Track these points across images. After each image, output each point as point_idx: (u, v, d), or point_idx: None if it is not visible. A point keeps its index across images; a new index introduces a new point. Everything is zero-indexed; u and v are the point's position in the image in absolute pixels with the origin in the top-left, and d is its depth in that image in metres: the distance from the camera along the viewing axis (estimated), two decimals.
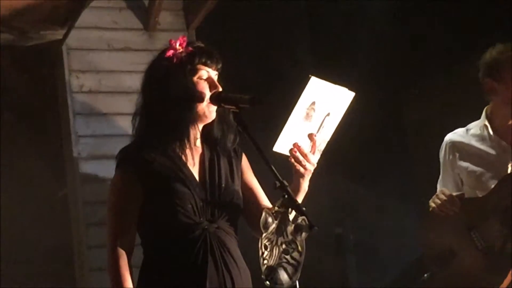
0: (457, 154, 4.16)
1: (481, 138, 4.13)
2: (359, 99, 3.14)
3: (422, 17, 5.92)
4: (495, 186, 4.03)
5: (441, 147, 4.23)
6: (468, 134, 4.18)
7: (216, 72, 3.17)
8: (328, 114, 3.06)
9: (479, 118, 4.21)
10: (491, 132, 4.10)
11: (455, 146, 4.17)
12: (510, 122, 4.07)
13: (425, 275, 4.20)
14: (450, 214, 3.98)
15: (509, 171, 4.03)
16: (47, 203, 6.05)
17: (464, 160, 4.14)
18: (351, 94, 3.09)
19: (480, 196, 4.07)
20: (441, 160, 4.22)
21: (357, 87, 3.14)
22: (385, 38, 6.08)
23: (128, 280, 3.04)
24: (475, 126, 4.19)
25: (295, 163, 3.05)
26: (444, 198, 3.98)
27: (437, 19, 5.86)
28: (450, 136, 4.22)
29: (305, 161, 3.04)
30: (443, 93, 5.81)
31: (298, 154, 3.04)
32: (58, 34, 5.76)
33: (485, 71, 4.08)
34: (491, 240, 3.95)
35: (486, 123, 4.12)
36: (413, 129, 6.24)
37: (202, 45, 3.20)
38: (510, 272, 3.83)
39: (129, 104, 5.58)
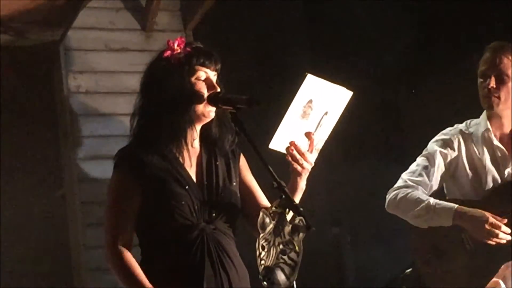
0: (458, 152, 4.12)
1: (481, 141, 4.11)
2: (358, 98, 3.14)
3: (422, 17, 5.92)
4: (490, 192, 4.04)
5: (439, 141, 4.17)
6: (468, 131, 4.16)
7: (214, 73, 3.17)
8: (326, 113, 3.06)
9: (475, 118, 4.21)
10: (492, 137, 4.09)
11: (458, 144, 4.13)
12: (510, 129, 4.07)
13: (407, 270, 4.20)
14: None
15: (505, 176, 4.04)
16: (45, 203, 6.05)
17: (467, 161, 4.12)
18: (349, 93, 3.09)
19: (475, 199, 4.06)
20: (433, 152, 4.13)
21: (355, 86, 3.15)
22: (385, 38, 6.08)
23: (141, 274, 3.02)
24: (475, 126, 4.17)
25: (292, 162, 3.05)
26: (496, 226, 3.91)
27: (436, 19, 5.86)
28: (451, 132, 4.17)
29: (302, 159, 3.04)
30: (442, 93, 5.81)
31: (295, 152, 3.04)
32: (56, 34, 5.76)
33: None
34: (480, 242, 3.95)
35: (489, 126, 4.10)
36: (413, 129, 6.24)
37: (200, 45, 3.20)
38: (495, 276, 3.84)
39: (126, 104, 5.58)
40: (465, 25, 5.59)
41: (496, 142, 4.08)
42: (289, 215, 2.88)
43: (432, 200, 3.97)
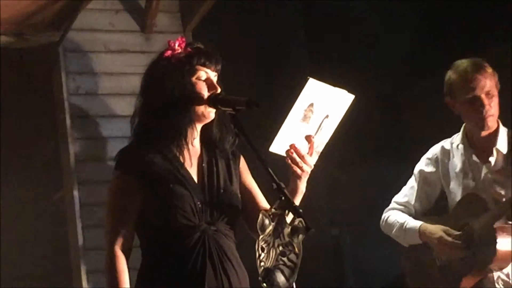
0: (439, 168, 4.21)
1: (457, 153, 4.16)
2: (358, 99, 3.14)
3: (421, 16, 5.92)
4: (457, 204, 4.12)
5: (423, 159, 4.27)
6: (452, 146, 4.21)
7: (215, 73, 3.17)
8: (327, 116, 3.06)
9: None
10: (466, 150, 4.13)
11: (436, 160, 4.22)
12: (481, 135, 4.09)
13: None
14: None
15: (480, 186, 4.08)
16: (44, 205, 6.05)
17: (447, 174, 4.19)
18: (351, 97, 3.09)
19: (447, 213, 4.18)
20: (417, 172, 4.26)
21: (355, 87, 3.14)
22: (384, 37, 6.08)
23: (125, 282, 3.03)
24: (455, 138, 4.22)
25: (292, 165, 3.05)
26: (451, 244, 4.02)
27: (437, 18, 5.86)
28: (433, 150, 4.26)
29: (302, 162, 3.04)
30: (441, 93, 5.80)
31: (295, 155, 3.04)
32: (55, 36, 5.75)
33: (445, 90, 4.15)
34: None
35: (463, 136, 4.15)
36: (413, 130, 6.25)
37: (201, 46, 3.19)
38: None
39: (126, 106, 5.59)
40: (466, 24, 5.59)
41: (474, 157, 4.11)
42: (289, 217, 2.88)
43: (405, 221, 4.17)
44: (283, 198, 2.88)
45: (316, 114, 3.03)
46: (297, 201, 3.06)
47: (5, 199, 5.85)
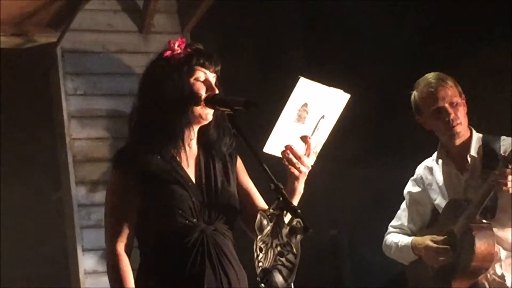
0: (425, 186, 4.28)
1: (438, 168, 4.23)
2: (356, 99, 3.14)
3: (421, 16, 5.92)
4: (441, 214, 4.19)
5: (410, 181, 4.35)
6: (434, 163, 4.27)
7: (214, 75, 3.16)
8: (323, 116, 3.05)
9: (475, 119, 4.24)
10: (442, 163, 4.20)
11: (421, 179, 4.29)
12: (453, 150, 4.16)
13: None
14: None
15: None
16: (42, 206, 6.05)
17: (429, 192, 4.26)
18: (347, 96, 3.08)
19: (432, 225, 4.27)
20: (405, 195, 4.35)
21: (353, 88, 3.14)
22: (383, 38, 6.07)
23: (129, 281, 3.03)
24: (435, 154, 4.28)
25: (289, 166, 3.04)
26: (436, 250, 4.09)
27: (436, 19, 5.86)
28: (417, 170, 4.33)
29: (299, 163, 3.04)
30: None
31: (291, 156, 3.03)
32: (53, 36, 5.76)
33: (413, 110, 4.24)
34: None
35: (440, 151, 4.22)
36: (412, 132, 6.24)
37: (201, 47, 3.19)
38: None
39: (123, 106, 5.59)
40: (465, 25, 5.58)
41: (454, 169, 4.17)
42: (287, 217, 2.87)
43: (399, 240, 4.28)
44: (281, 198, 2.87)
45: (311, 114, 3.02)
46: (295, 202, 3.05)
47: (3, 200, 5.84)
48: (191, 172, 3.14)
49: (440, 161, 4.21)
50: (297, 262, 2.84)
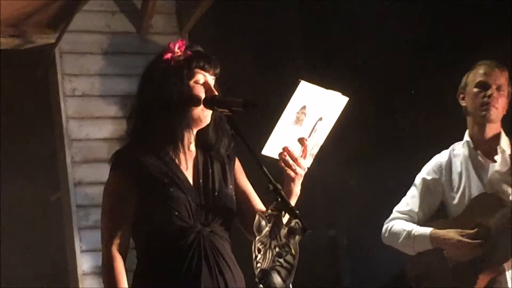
0: (443, 176, 4.25)
1: (462, 157, 4.21)
2: (355, 101, 3.14)
3: (420, 17, 5.92)
4: (467, 206, 4.15)
5: (425, 168, 4.31)
6: (453, 154, 4.25)
7: (213, 77, 3.16)
8: (321, 119, 3.05)
9: None
10: (471, 151, 4.18)
11: (440, 167, 4.26)
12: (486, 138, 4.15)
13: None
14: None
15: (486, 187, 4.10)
16: (41, 207, 6.05)
17: (450, 181, 4.22)
18: (345, 99, 3.09)
19: (456, 216, 4.20)
20: (418, 181, 4.30)
21: (352, 88, 3.14)
22: (382, 38, 6.08)
23: (123, 283, 3.03)
24: (457, 146, 4.26)
25: (285, 167, 3.04)
26: (470, 244, 4.04)
27: (435, 19, 5.86)
28: (437, 158, 4.30)
29: (295, 165, 3.03)
30: (441, 95, 5.81)
31: (288, 158, 3.03)
32: (51, 38, 5.76)
33: (460, 86, 4.24)
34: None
35: (468, 139, 4.20)
36: (410, 132, 6.25)
37: (200, 49, 3.19)
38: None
39: (122, 107, 5.60)
40: (464, 25, 5.59)
41: (479, 157, 4.16)
42: (285, 218, 2.88)
43: (412, 228, 4.19)
44: (279, 199, 2.88)
45: (309, 117, 3.02)
46: (292, 203, 3.05)
47: (3, 200, 5.85)
48: (189, 174, 3.14)
49: (465, 150, 4.19)
50: (296, 263, 2.84)
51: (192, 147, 3.18)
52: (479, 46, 5.30)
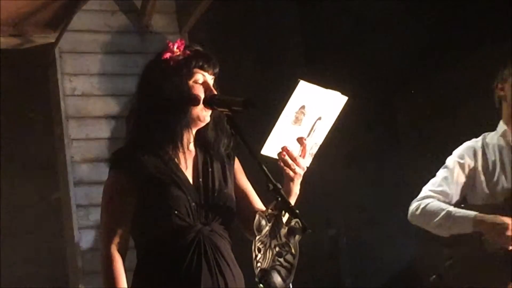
0: (476, 161, 4.17)
1: (497, 146, 4.17)
2: (355, 100, 3.14)
3: (419, 17, 5.92)
4: (509, 195, 4.07)
5: (457, 152, 4.24)
6: (485, 142, 4.21)
7: (212, 77, 3.17)
8: (320, 118, 3.05)
9: (473, 120, 4.24)
10: (509, 139, 4.14)
11: (475, 152, 4.20)
12: None
13: (433, 276, 4.22)
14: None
15: None
16: (41, 206, 6.05)
17: (484, 167, 4.16)
18: (344, 99, 3.09)
19: (494, 203, 4.09)
20: (452, 164, 4.21)
21: (352, 88, 3.14)
22: (382, 38, 6.08)
23: (122, 282, 3.03)
24: (492, 135, 4.22)
25: (285, 167, 3.04)
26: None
27: (436, 19, 5.86)
28: (467, 143, 4.24)
29: (294, 164, 3.03)
30: (440, 95, 5.81)
31: (287, 157, 3.03)
32: (51, 37, 5.76)
33: (498, 77, 4.16)
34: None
35: (505, 127, 4.15)
36: (409, 132, 6.25)
37: (200, 48, 3.19)
38: None
39: (121, 107, 5.59)
40: (464, 25, 5.59)
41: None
42: (285, 217, 2.87)
43: (452, 209, 4.06)
44: (279, 198, 2.88)
45: (308, 116, 3.02)
46: (292, 203, 3.05)
47: (3, 199, 5.84)
48: (189, 173, 3.14)
49: (501, 140, 4.15)
50: (296, 262, 2.84)
51: (192, 146, 3.18)
52: (479, 46, 5.30)
